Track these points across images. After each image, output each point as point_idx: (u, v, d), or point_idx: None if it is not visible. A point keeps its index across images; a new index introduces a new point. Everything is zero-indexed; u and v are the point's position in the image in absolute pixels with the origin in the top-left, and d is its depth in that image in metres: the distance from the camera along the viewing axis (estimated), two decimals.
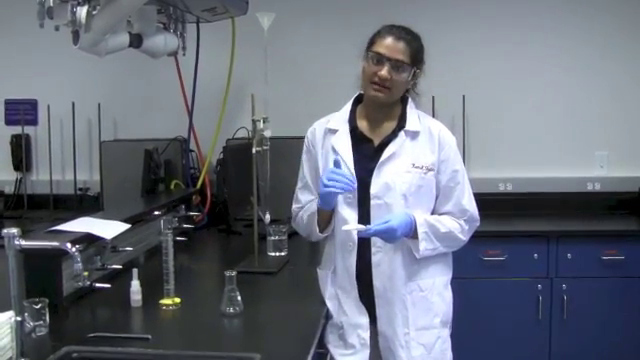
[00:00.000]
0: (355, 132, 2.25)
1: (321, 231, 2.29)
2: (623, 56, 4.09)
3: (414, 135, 2.22)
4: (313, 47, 4.10)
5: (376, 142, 2.23)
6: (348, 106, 2.31)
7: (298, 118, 3.82)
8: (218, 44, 3.83)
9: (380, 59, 2.15)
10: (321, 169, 2.27)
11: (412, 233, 2.15)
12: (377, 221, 2.11)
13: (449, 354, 2.30)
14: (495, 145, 4.14)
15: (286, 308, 2.34)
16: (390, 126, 2.24)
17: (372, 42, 2.20)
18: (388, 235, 2.10)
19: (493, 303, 3.64)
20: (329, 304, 2.28)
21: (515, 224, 3.83)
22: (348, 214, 2.20)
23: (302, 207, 2.36)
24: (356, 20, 2.22)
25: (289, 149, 3.29)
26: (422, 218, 2.17)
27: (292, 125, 3.55)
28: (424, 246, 2.16)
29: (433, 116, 2.61)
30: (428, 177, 2.20)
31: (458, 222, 2.24)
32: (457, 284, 2.35)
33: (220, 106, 3.87)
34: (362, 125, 2.27)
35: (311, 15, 4.14)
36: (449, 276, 2.31)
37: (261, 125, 2.63)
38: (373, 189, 2.18)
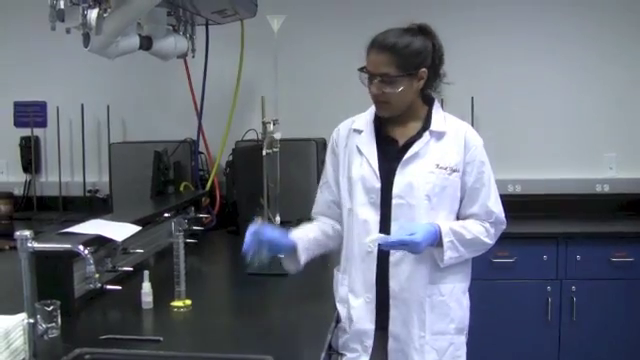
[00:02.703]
0: (380, 133, 2.22)
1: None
2: (631, 58, 4.08)
3: (439, 136, 2.17)
4: (323, 49, 4.11)
5: (401, 142, 2.19)
6: (373, 107, 2.24)
7: (308, 120, 3.87)
8: (227, 46, 3.83)
9: (369, 76, 2.10)
10: (343, 169, 2.25)
11: (437, 242, 2.10)
12: (399, 231, 2.05)
13: None
14: (504, 147, 4.11)
15: (298, 310, 2.34)
16: (415, 127, 2.19)
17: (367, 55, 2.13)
18: (410, 248, 2.05)
19: (502, 305, 3.63)
20: (339, 307, 2.26)
21: (524, 226, 3.80)
22: (369, 215, 2.16)
23: (317, 212, 2.36)
24: (367, 22, 2.19)
25: (299, 151, 3.30)
26: (447, 227, 2.11)
27: (302, 127, 3.56)
28: (449, 255, 2.11)
29: None
30: (452, 178, 2.15)
31: (483, 225, 2.18)
32: None
33: (229, 108, 3.87)
34: (387, 126, 2.22)
35: (321, 17, 4.15)
36: (467, 283, 2.28)
37: (271, 127, 2.63)
38: (396, 189, 2.13)
